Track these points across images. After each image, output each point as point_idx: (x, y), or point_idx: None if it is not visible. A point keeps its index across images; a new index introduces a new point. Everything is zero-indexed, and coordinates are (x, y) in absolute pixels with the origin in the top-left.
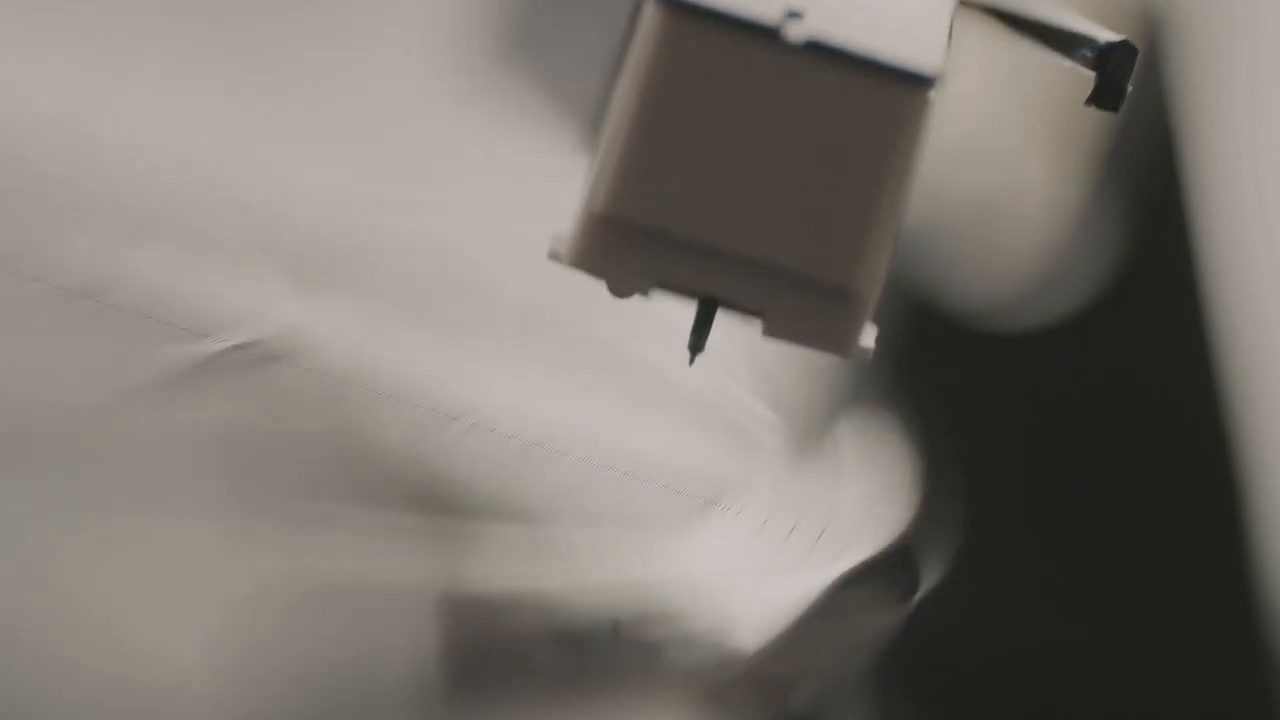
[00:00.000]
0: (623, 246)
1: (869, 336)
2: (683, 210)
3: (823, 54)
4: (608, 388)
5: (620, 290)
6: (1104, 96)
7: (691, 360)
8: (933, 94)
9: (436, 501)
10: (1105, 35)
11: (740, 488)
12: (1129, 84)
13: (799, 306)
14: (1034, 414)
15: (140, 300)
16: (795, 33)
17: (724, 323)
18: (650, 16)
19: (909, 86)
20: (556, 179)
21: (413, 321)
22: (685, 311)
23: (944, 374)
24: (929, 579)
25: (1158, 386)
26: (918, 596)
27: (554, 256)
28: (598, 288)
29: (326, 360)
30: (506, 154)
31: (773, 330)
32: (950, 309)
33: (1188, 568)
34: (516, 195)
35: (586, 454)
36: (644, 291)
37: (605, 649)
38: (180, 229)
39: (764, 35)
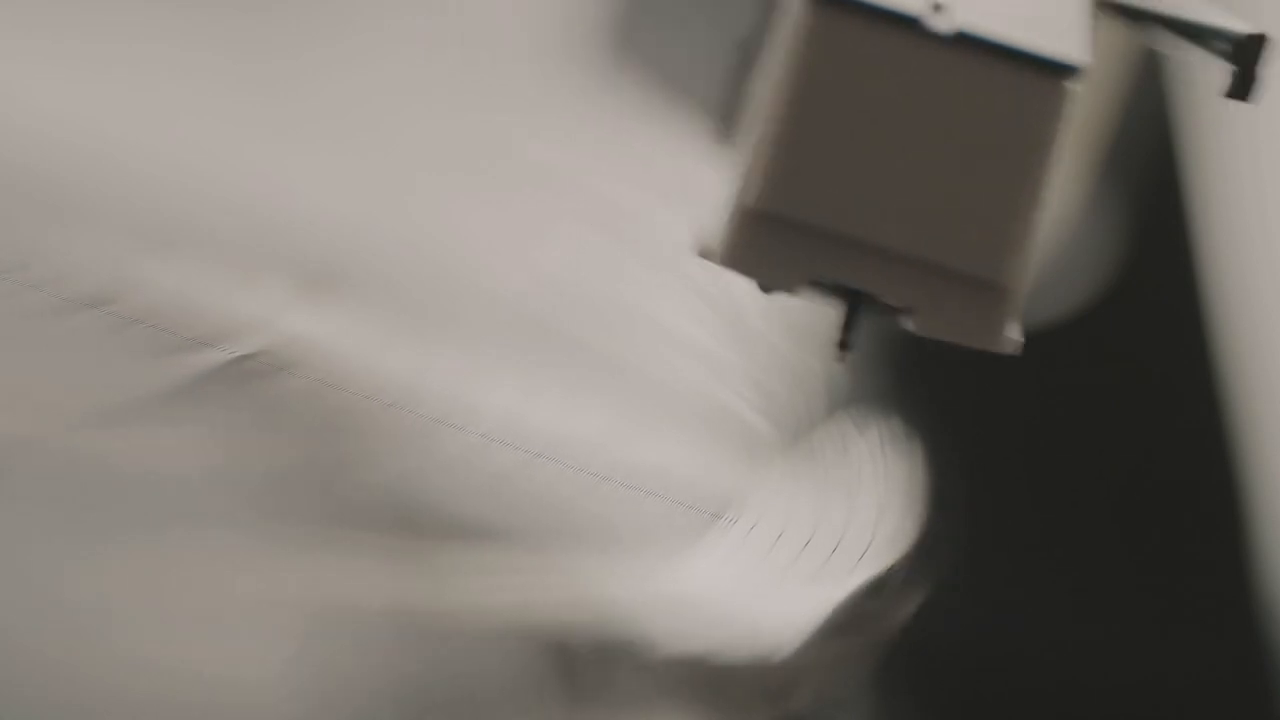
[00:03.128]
0: (774, 243)
1: (1016, 328)
2: (834, 205)
3: (970, 45)
4: (610, 400)
5: (770, 287)
6: (1238, 88)
7: (840, 358)
8: (1078, 85)
9: (440, 518)
10: (1238, 26)
11: (744, 501)
12: (1262, 75)
13: (948, 302)
14: (1034, 415)
15: (145, 310)
16: (942, 24)
17: (722, 333)
18: (799, 10)
19: (1057, 77)
20: (563, 183)
21: (416, 332)
22: (689, 324)
23: (944, 375)
24: (932, 581)
25: (1158, 386)
26: (921, 600)
27: (705, 255)
28: (598, 301)
29: (332, 371)
30: (516, 161)
31: (922, 326)
32: None
33: (1189, 568)
34: (520, 205)
35: (590, 467)
36: (792, 289)
37: (610, 662)
38: (186, 237)
39: (911, 27)
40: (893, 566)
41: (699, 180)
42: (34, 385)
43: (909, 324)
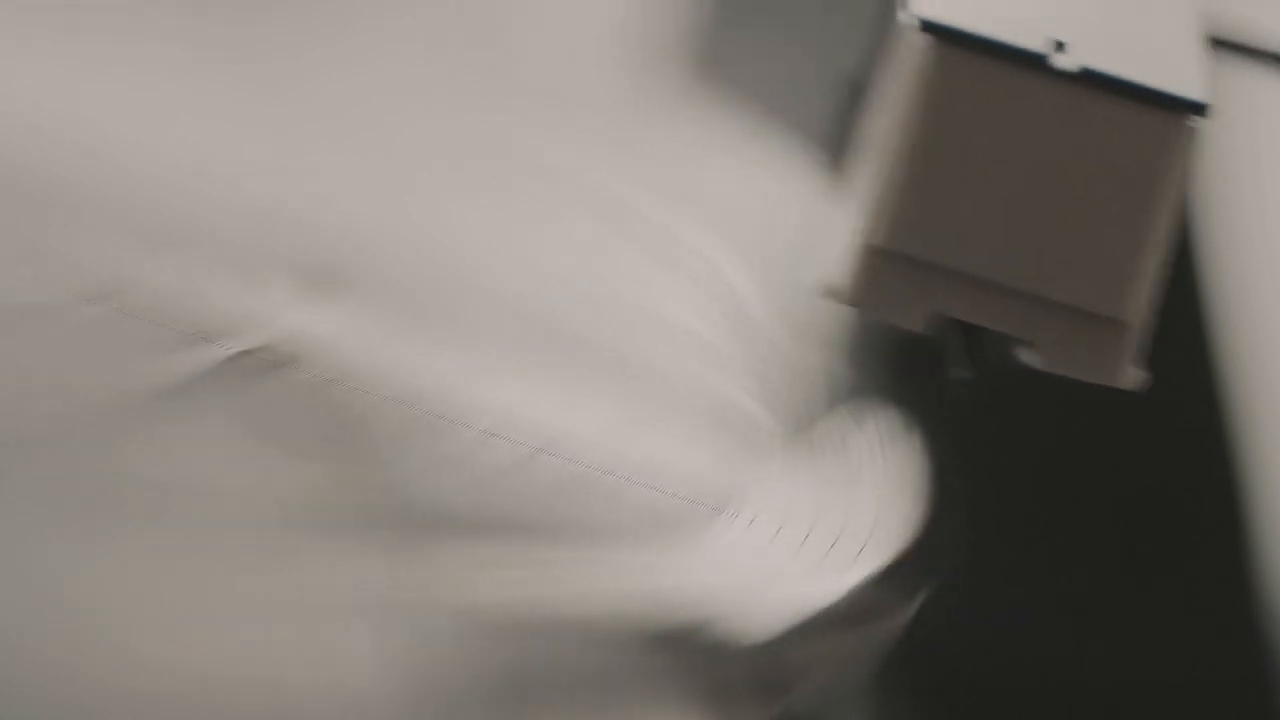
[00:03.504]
0: (899, 280)
1: (1138, 364)
2: (958, 243)
3: (1096, 82)
4: (612, 395)
5: (894, 323)
6: None
7: (959, 390)
8: (1202, 123)
9: (444, 512)
10: None
11: (745, 495)
12: None
13: (1070, 338)
14: (1035, 412)
15: (147, 307)
16: (1066, 61)
17: (724, 329)
18: (922, 49)
19: (1183, 115)
20: (563, 181)
21: (418, 329)
22: (690, 319)
23: (944, 371)
24: (932, 577)
25: (1158, 387)
26: (920, 598)
27: (831, 294)
28: (599, 297)
29: (333, 366)
30: (516, 159)
31: (1044, 361)
32: None
33: (1189, 568)
34: (521, 202)
35: (593, 462)
36: (917, 325)
37: (610, 654)
38: (187, 236)
39: (1035, 65)
40: (893, 561)
41: (701, 177)
42: (36, 382)
43: (1030, 358)
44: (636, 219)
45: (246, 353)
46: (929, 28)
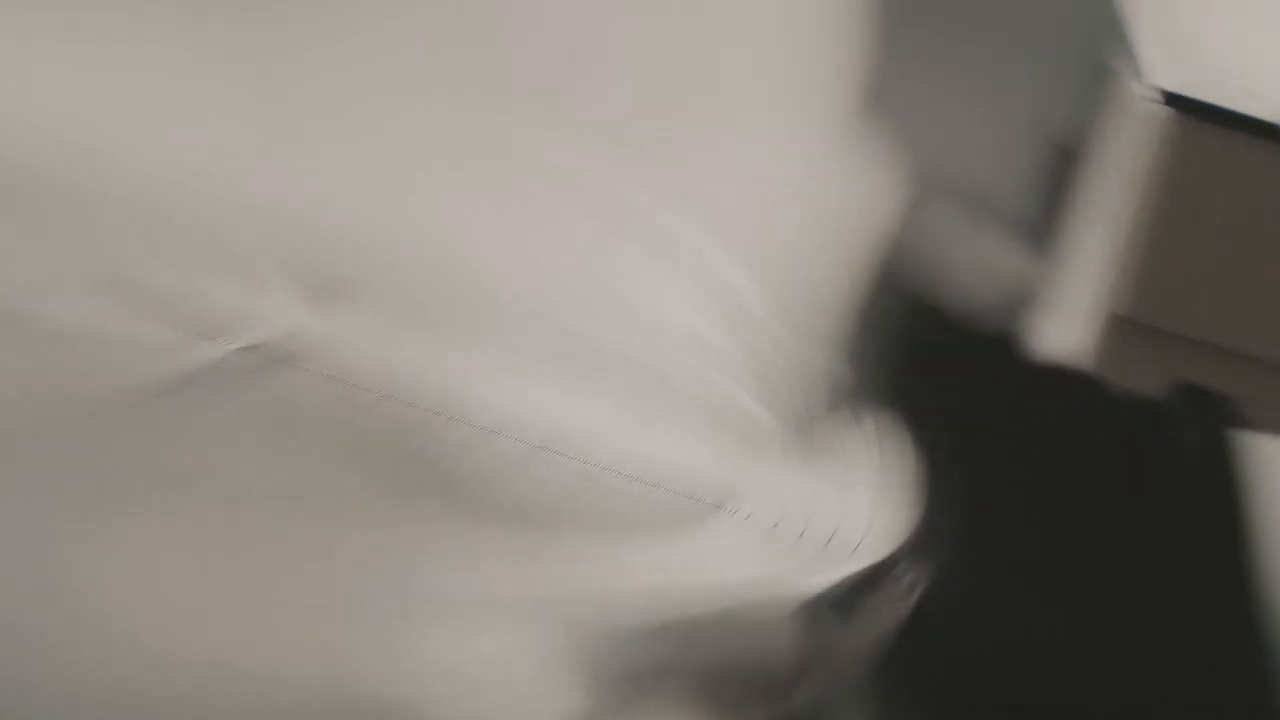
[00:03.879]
0: (1140, 348)
1: None
2: (1200, 313)
3: None
4: (612, 392)
5: (1130, 387)
6: None
7: (1188, 454)
8: None
9: (444, 507)
10: None
11: (744, 492)
12: None
13: None
14: (1033, 410)
15: (148, 305)
16: None
17: (724, 327)
18: (1162, 121)
19: None
20: (563, 180)
21: (419, 326)
22: (691, 317)
23: (943, 369)
24: (929, 576)
25: None
26: (917, 596)
27: (1072, 357)
28: (599, 297)
29: (333, 364)
30: (516, 159)
31: (1275, 424)
32: (950, 310)
33: (1188, 567)
34: (521, 201)
35: (592, 458)
36: (1153, 390)
37: (608, 650)
38: (187, 236)
39: (1270, 133)
40: (889, 558)
41: (701, 177)
42: (36, 381)
43: (1263, 424)
44: (636, 219)
45: (247, 350)
46: (1170, 100)
